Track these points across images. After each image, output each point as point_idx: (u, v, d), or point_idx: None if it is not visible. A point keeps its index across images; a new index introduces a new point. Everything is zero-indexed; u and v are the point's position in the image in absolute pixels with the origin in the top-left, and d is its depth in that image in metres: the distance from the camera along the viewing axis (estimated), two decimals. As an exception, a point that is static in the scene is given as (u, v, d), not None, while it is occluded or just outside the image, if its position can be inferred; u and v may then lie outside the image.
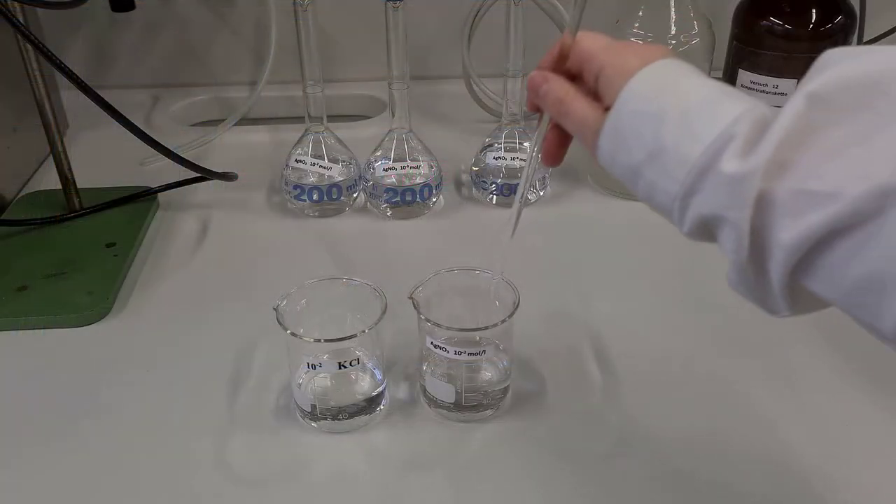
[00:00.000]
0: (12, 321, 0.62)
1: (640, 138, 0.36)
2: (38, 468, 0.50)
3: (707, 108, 0.34)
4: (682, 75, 0.37)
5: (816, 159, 0.30)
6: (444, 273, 0.54)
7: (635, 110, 0.37)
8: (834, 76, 0.31)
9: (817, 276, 0.31)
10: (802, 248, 0.30)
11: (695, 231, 0.35)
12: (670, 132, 0.35)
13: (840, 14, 0.75)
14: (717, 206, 0.33)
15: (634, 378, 0.57)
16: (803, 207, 0.30)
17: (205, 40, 1.04)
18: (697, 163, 0.33)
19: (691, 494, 0.48)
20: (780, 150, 0.31)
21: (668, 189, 0.35)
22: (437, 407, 0.53)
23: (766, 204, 0.31)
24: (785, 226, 0.31)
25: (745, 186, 0.31)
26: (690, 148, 0.34)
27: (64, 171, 0.74)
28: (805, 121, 0.31)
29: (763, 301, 0.35)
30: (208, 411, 0.54)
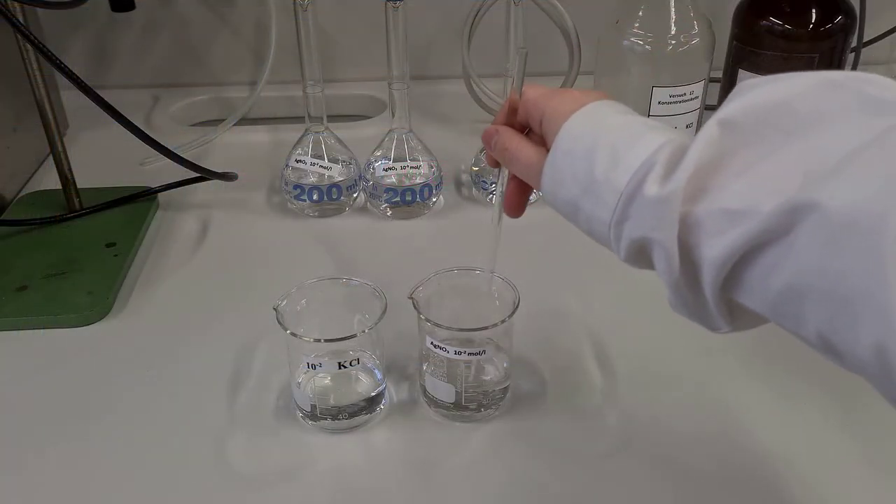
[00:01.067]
0: (12, 321, 0.62)
1: (575, 174, 0.39)
2: (38, 468, 0.50)
3: (632, 141, 0.37)
4: (612, 114, 0.40)
5: (731, 179, 0.32)
6: (444, 273, 0.54)
7: (569, 149, 0.39)
8: (744, 101, 0.33)
9: (744, 289, 0.33)
10: (727, 264, 0.32)
11: (631, 256, 0.38)
12: (601, 165, 0.37)
13: (840, 14, 0.75)
14: (646, 228, 0.35)
15: (634, 378, 0.57)
16: (723, 226, 0.32)
17: (205, 40, 1.04)
18: (625, 190, 0.36)
19: (691, 494, 0.48)
20: (697, 172, 0.33)
21: (602, 218, 0.38)
22: (437, 407, 0.53)
23: (691, 225, 0.33)
24: (710, 244, 0.33)
25: (668, 208, 0.33)
26: (619, 178, 0.36)
27: (64, 171, 0.74)
28: (718, 145, 0.33)
29: (703, 319, 0.37)
30: (208, 411, 0.54)
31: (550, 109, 0.41)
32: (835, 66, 0.76)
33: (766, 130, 0.32)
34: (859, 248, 0.27)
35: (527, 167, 0.43)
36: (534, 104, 0.43)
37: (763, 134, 0.32)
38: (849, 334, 0.28)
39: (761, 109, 0.33)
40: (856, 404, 0.54)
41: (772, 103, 0.32)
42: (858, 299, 0.27)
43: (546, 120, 0.42)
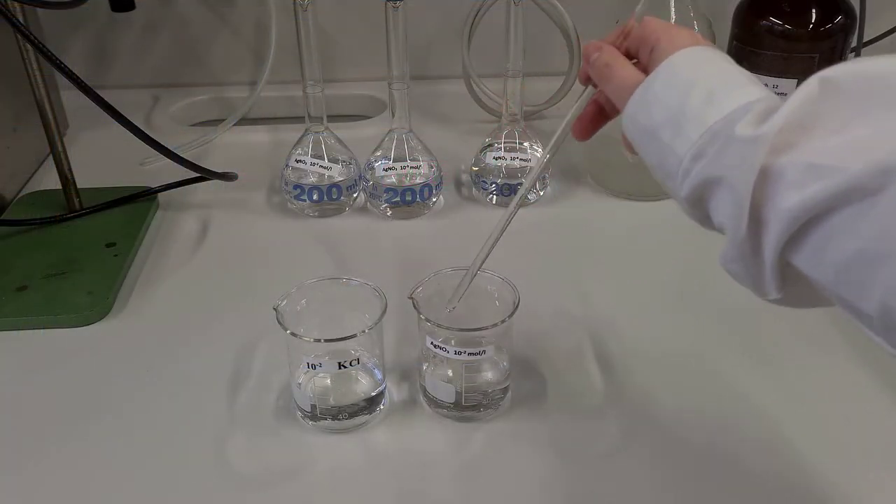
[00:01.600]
0: (12, 321, 0.62)
1: (664, 103, 0.38)
2: (37, 468, 0.50)
3: (733, 88, 0.37)
4: (720, 61, 0.40)
5: (823, 136, 0.32)
6: (444, 273, 0.54)
7: (668, 79, 0.39)
8: (848, 66, 0.33)
9: (809, 252, 0.32)
10: (801, 218, 0.31)
11: (693, 198, 0.37)
12: (694, 100, 0.37)
13: (840, 14, 0.75)
14: (724, 166, 0.34)
15: (634, 378, 0.57)
16: (806, 179, 0.31)
17: (205, 40, 1.04)
18: (713, 127, 0.35)
19: (691, 494, 0.48)
20: (789, 124, 0.32)
21: (679, 150, 0.37)
22: (437, 407, 0.53)
23: (772, 175, 0.33)
24: (786, 196, 0.32)
25: (754, 150, 0.33)
26: (709, 116, 0.36)
27: (64, 171, 0.74)
28: (816, 102, 0.33)
29: (755, 279, 0.36)
30: (208, 411, 0.54)
31: (667, 39, 0.41)
32: (835, 66, 0.76)
33: (866, 97, 0.32)
34: None
35: (620, 86, 0.42)
36: (652, 30, 0.42)
37: (862, 99, 0.32)
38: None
39: (865, 77, 0.32)
40: (861, 404, 0.54)
41: (877, 73, 0.32)
42: None
43: (658, 49, 0.41)
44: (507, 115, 0.77)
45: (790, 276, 0.35)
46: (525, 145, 0.78)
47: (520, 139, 0.78)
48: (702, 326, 0.62)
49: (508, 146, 0.78)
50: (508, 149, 0.78)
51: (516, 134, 0.78)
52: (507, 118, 0.78)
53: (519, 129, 0.78)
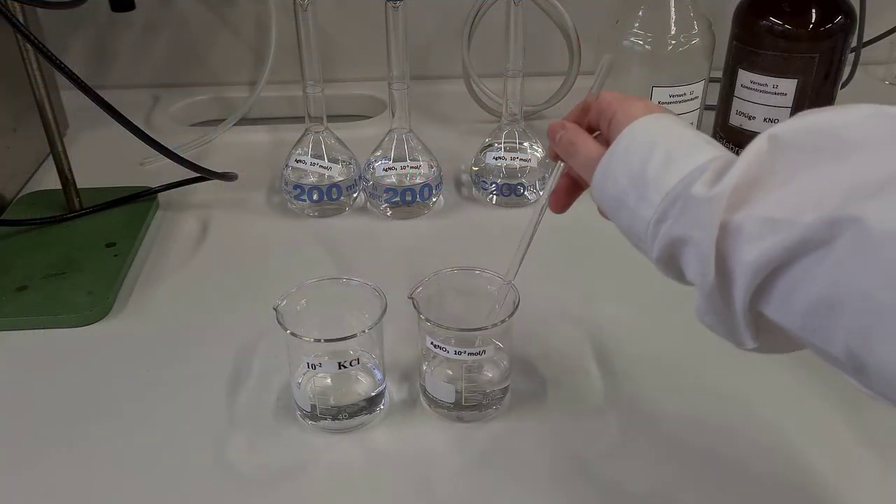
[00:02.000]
0: (12, 321, 0.62)
1: (628, 170, 0.40)
2: (37, 468, 0.50)
3: (689, 149, 0.38)
4: (677, 126, 0.41)
5: (774, 189, 0.34)
6: (444, 273, 0.54)
7: (628, 147, 0.41)
8: (796, 122, 0.35)
9: (775, 301, 0.33)
10: (762, 270, 0.33)
11: (663, 258, 0.39)
12: (654, 167, 0.39)
13: (840, 14, 0.75)
14: (686, 227, 0.36)
15: (634, 378, 0.57)
16: (763, 233, 0.33)
17: (205, 40, 1.04)
18: (672, 191, 0.37)
19: (691, 494, 0.48)
20: (743, 181, 0.34)
21: (644, 215, 0.39)
22: (437, 407, 0.53)
23: (731, 231, 0.34)
24: (747, 249, 0.33)
25: (711, 209, 0.35)
26: (668, 179, 0.37)
27: (64, 171, 0.74)
28: (766, 158, 0.34)
29: (729, 330, 0.38)
30: (208, 411, 0.54)
31: (622, 111, 0.43)
32: (835, 66, 0.76)
33: (814, 150, 0.33)
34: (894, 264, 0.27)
35: (586, 160, 0.45)
36: (608, 104, 0.45)
37: (810, 153, 0.33)
38: (880, 348, 0.28)
39: (811, 131, 0.34)
40: (860, 405, 0.54)
41: (822, 126, 0.34)
42: (889, 315, 0.28)
43: (616, 121, 0.43)
44: (507, 115, 0.77)
45: (763, 325, 0.36)
46: (525, 145, 0.78)
47: (520, 139, 0.78)
48: (702, 326, 0.62)
49: (508, 146, 0.78)
50: (508, 149, 0.78)
51: (516, 134, 0.78)
52: (507, 118, 0.78)
53: (519, 129, 0.78)
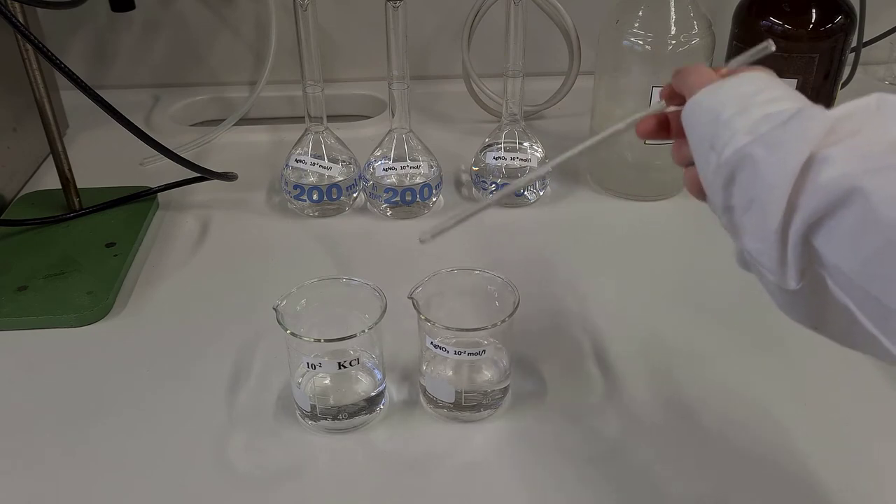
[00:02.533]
0: (12, 321, 0.62)
1: (735, 92, 0.39)
2: (37, 468, 0.50)
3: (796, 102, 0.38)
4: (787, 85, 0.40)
5: (872, 137, 0.32)
6: (444, 273, 0.54)
7: (742, 80, 0.40)
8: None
9: (839, 237, 0.32)
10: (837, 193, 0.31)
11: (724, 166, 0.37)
12: (762, 98, 0.38)
13: (840, 14, 0.75)
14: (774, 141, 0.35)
15: (634, 378, 0.57)
16: (850, 159, 0.31)
17: (205, 40, 1.04)
18: (774, 114, 0.36)
19: (692, 494, 0.48)
20: (845, 120, 0.33)
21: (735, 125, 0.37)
22: (437, 407, 0.53)
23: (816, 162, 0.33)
24: (829, 171, 0.32)
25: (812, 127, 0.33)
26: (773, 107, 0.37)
27: (64, 170, 0.74)
28: (872, 113, 0.33)
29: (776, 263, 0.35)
30: (208, 411, 0.54)
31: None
32: (835, 66, 0.76)
33: None
34: None
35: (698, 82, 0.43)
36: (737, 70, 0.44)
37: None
38: None
39: None
40: (863, 398, 0.54)
41: None
42: None
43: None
44: (507, 115, 0.77)
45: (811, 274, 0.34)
46: (525, 145, 0.78)
47: (520, 139, 0.78)
48: (702, 326, 0.62)
49: (508, 146, 0.78)
50: (508, 149, 0.78)
51: (516, 134, 0.78)
52: (507, 118, 0.78)
53: (519, 129, 0.78)
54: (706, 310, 0.63)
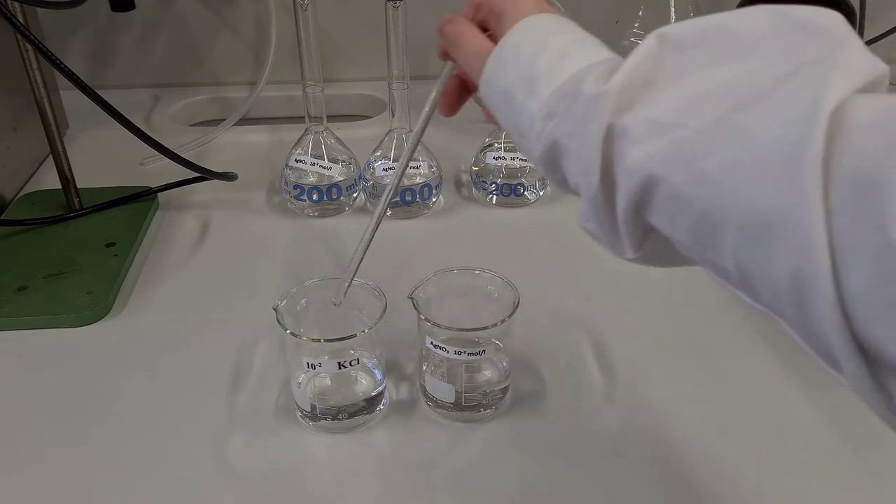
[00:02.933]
0: (12, 321, 0.61)
1: (517, 64, 0.39)
2: (37, 468, 0.50)
3: (582, 48, 0.37)
4: (571, 27, 0.40)
5: (663, 91, 0.32)
6: (444, 273, 0.54)
7: (519, 43, 0.39)
8: (686, 22, 0.33)
9: (661, 211, 0.32)
10: (645, 176, 0.31)
11: (546, 155, 0.37)
12: (545, 61, 0.37)
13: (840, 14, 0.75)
14: (573, 124, 0.35)
15: (634, 378, 0.57)
16: (649, 135, 0.31)
17: (205, 40, 1.04)
18: (562, 86, 0.36)
19: (691, 495, 0.48)
20: (632, 80, 0.33)
21: (531, 110, 0.37)
22: (436, 407, 0.53)
23: (617, 133, 0.33)
24: (631, 152, 0.32)
25: (599, 106, 0.33)
26: (560, 73, 0.36)
27: (64, 170, 0.74)
28: (656, 58, 0.33)
29: (609, 237, 0.36)
30: (208, 411, 0.54)
31: (512, 6, 0.41)
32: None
33: (704, 49, 0.32)
34: (779, 174, 0.26)
35: (473, 54, 0.42)
36: (500, 2, 0.42)
37: (701, 51, 0.32)
38: (765, 261, 0.28)
39: (703, 29, 0.33)
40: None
41: (714, 25, 0.32)
42: (776, 224, 0.27)
43: (504, 17, 0.41)
44: (507, 114, 0.77)
45: (652, 236, 0.35)
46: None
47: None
48: (701, 325, 0.62)
49: (508, 146, 0.78)
50: (508, 149, 0.78)
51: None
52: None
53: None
54: (706, 308, 0.63)
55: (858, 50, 0.29)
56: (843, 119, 0.26)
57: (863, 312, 0.25)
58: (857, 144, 0.25)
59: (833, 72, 0.27)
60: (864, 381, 0.26)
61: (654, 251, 0.36)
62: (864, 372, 0.26)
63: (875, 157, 0.25)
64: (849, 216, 0.25)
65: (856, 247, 0.25)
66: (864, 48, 0.29)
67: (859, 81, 0.28)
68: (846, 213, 0.25)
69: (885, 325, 0.25)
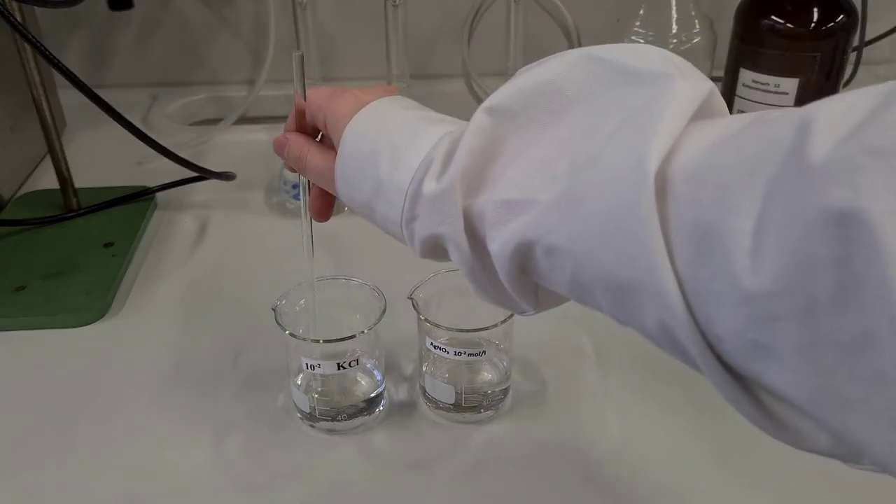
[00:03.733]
0: (10, 321, 0.61)
1: (363, 177, 0.38)
2: (35, 469, 0.50)
3: (411, 138, 0.36)
4: (394, 111, 0.39)
5: (505, 167, 0.32)
6: (444, 273, 0.54)
7: (354, 152, 0.39)
8: (508, 87, 0.33)
9: (541, 273, 0.32)
10: (514, 254, 0.32)
11: (427, 252, 0.37)
12: (384, 166, 0.37)
13: (842, 13, 0.75)
14: (432, 225, 0.35)
15: (634, 378, 0.57)
16: (504, 217, 0.32)
17: (203, 39, 1.03)
18: (409, 190, 0.36)
19: (693, 495, 0.48)
20: (471, 163, 0.33)
21: (394, 218, 0.37)
22: (436, 408, 0.53)
23: (475, 216, 0.33)
24: (492, 237, 0.32)
25: (447, 203, 0.33)
26: (401, 177, 0.36)
27: (62, 170, 0.74)
28: (489, 133, 0.33)
29: (506, 304, 0.37)
30: (207, 412, 0.54)
31: (332, 113, 0.41)
32: (837, 65, 0.76)
33: (534, 112, 0.32)
34: (621, 243, 0.27)
35: (320, 173, 0.42)
36: (317, 108, 0.42)
37: (531, 116, 0.32)
38: (636, 317, 0.29)
39: (527, 92, 0.32)
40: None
41: (538, 84, 0.32)
42: (633, 288, 0.27)
43: (329, 124, 0.41)
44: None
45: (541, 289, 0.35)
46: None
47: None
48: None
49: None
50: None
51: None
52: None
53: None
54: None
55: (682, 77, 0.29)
56: (671, 173, 0.26)
57: (735, 354, 0.26)
58: (690, 196, 0.25)
59: (657, 118, 0.27)
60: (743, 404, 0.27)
61: (548, 301, 0.37)
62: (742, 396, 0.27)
63: (711, 206, 0.25)
64: (699, 270, 0.25)
65: (713, 299, 0.25)
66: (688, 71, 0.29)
67: (691, 109, 0.28)
68: (696, 267, 0.25)
69: (759, 365, 0.25)
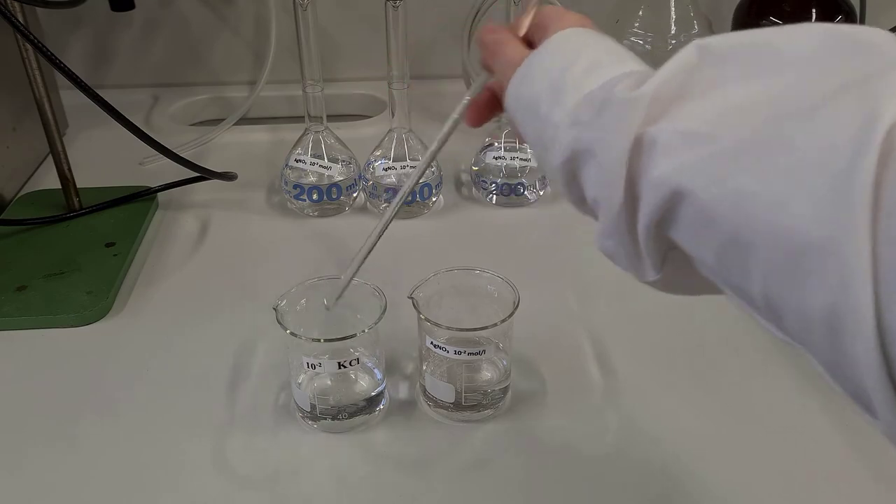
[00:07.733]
0: (11, 321, 0.61)
1: (548, 73, 0.37)
2: (37, 468, 0.50)
3: (617, 60, 0.36)
4: (608, 40, 0.39)
5: (696, 101, 0.30)
6: (444, 273, 0.54)
7: (553, 51, 0.38)
8: (731, 35, 0.31)
9: (687, 228, 0.30)
10: (666, 191, 0.29)
11: (567, 166, 0.35)
12: (575, 71, 0.36)
13: (840, 13, 0.75)
14: (598, 131, 0.33)
15: (634, 378, 0.57)
16: (679, 147, 0.29)
17: (204, 40, 1.04)
18: (590, 94, 0.34)
19: (691, 495, 0.48)
20: (666, 89, 0.31)
21: (554, 118, 0.36)
22: (436, 407, 0.53)
23: (645, 144, 0.31)
24: (658, 164, 0.30)
25: (629, 112, 0.31)
26: (590, 82, 0.35)
27: (63, 170, 0.74)
28: (693, 69, 0.31)
29: (629, 257, 0.34)
30: (208, 411, 0.54)
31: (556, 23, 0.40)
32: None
33: (747, 63, 0.30)
34: (823, 198, 0.24)
35: (507, 62, 0.41)
36: (546, 16, 0.42)
37: (742, 65, 0.30)
38: (797, 291, 0.25)
39: (747, 44, 0.31)
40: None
41: (760, 40, 0.30)
42: (813, 252, 0.24)
43: (548, 29, 0.40)
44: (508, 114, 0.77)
45: (674, 257, 0.33)
46: (525, 145, 0.78)
47: (519, 139, 0.78)
48: (702, 325, 0.62)
49: (508, 146, 0.78)
50: (508, 149, 0.78)
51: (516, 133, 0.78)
52: (506, 118, 0.77)
53: (519, 129, 0.78)
54: (706, 309, 0.63)
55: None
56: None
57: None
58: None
59: (887, 90, 0.24)
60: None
61: (675, 274, 0.34)
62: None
63: None
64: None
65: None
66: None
67: None
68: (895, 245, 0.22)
69: None
